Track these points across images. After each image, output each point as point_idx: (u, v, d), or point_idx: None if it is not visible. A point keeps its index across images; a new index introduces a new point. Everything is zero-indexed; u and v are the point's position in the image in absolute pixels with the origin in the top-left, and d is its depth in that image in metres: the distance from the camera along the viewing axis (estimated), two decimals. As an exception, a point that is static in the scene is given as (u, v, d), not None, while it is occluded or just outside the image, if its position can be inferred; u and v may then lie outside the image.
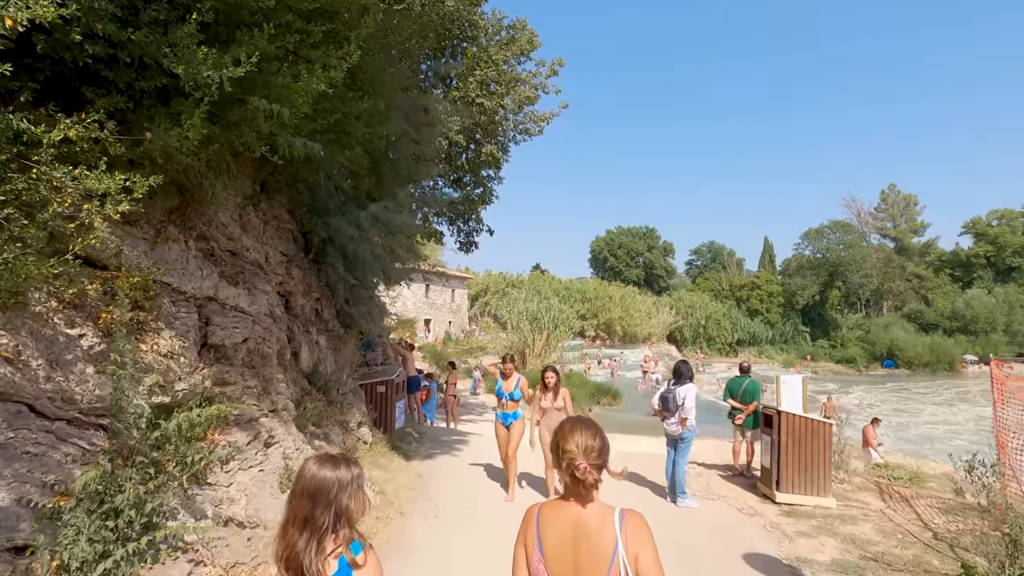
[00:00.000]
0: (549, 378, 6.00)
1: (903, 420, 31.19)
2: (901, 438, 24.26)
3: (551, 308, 29.72)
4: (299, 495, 1.61)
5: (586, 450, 1.72)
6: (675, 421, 6.15)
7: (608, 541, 1.65)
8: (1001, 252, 61.15)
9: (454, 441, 8.41)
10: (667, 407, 6.21)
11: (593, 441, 1.75)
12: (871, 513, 5.78)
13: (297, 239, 6.22)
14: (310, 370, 5.43)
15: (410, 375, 10.95)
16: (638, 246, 70.30)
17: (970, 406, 35.68)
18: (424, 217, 14.25)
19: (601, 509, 1.72)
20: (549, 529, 1.72)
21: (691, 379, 6.36)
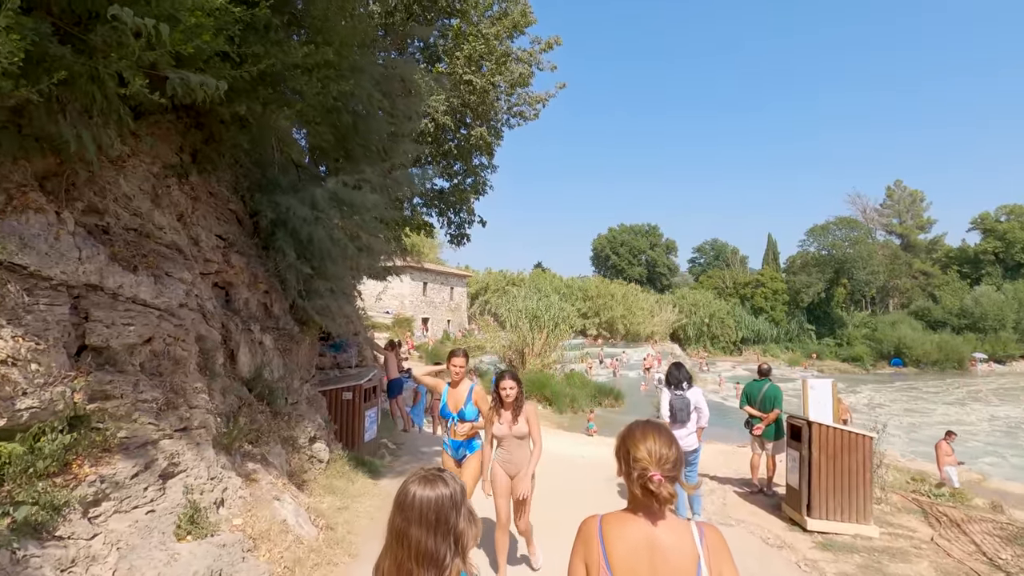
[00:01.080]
0: (506, 390, 3.86)
1: (914, 421, 30.23)
2: (914, 439, 23.34)
3: (551, 306, 28.77)
4: (416, 524, 1.42)
5: (660, 460, 1.55)
6: (690, 432, 5.40)
7: (689, 559, 1.51)
8: (1010, 248, 60.07)
9: (436, 452, 7.50)
10: (682, 415, 5.40)
11: (668, 450, 1.57)
12: (922, 545, 4.85)
13: (244, 222, 5.32)
14: (251, 375, 4.53)
15: (392, 377, 10.04)
16: (640, 244, 69.49)
17: (983, 405, 34.72)
18: (412, 208, 13.35)
19: (676, 523, 1.56)
20: (617, 544, 1.55)
21: (694, 383, 5.71)
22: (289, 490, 3.98)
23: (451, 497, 1.45)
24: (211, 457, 3.45)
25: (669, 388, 5.67)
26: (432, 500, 1.43)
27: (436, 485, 1.46)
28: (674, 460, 1.56)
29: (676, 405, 5.45)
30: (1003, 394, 38.76)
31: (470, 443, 4.11)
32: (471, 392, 4.13)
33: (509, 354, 29.23)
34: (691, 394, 5.48)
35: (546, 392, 20.96)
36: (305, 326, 5.40)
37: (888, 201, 72.46)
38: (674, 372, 5.70)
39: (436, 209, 13.60)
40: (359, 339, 8.18)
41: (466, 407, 4.06)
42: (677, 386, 5.55)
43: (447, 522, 1.43)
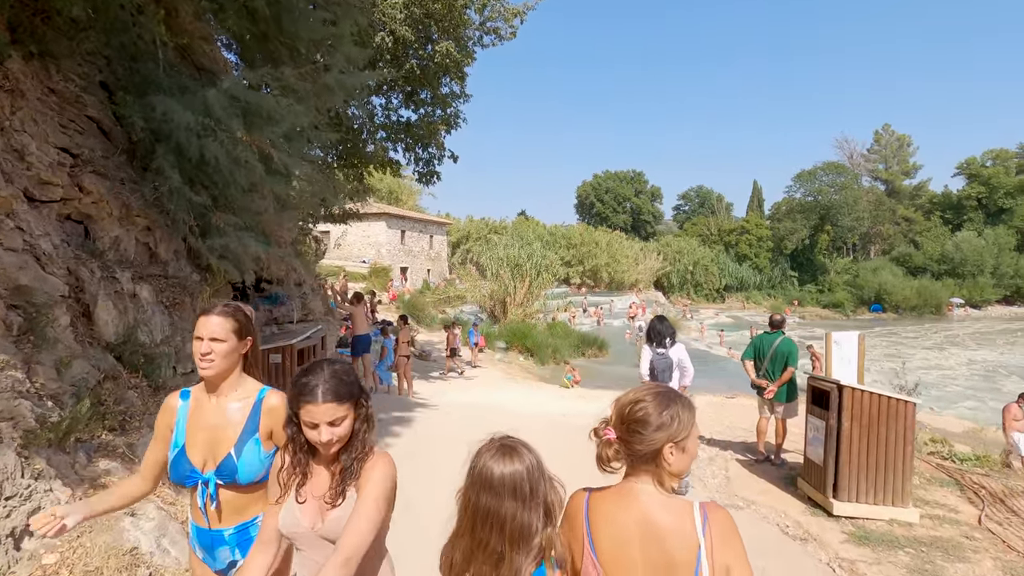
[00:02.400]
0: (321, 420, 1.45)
1: (894, 366, 30.28)
2: (894, 386, 23.22)
3: (534, 254, 27.65)
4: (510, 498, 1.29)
5: (624, 417, 1.32)
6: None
7: (687, 547, 1.24)
8: (993, 193, 59.95)
9: (397, 419, 6.50)
10: (660, 377, 4.95)
11: (641, 414, 1.29)
12: (974, 533, 4.01)
13: (115, 137, 3.99)
14: (118, 338, 3.37)
15: (358, 333, 8.93)
16: (625, 191, 68.08)
17: (960, 350, 35.17)
18: (376, 143, 11.84)
19: (675, 503, 1.29)
20: (604, 527, 1.32)
21: (675, 337, 5.22)
22: (159, 493, 2.90)
23: (538, 465, 1.35)
24: (12, 463, 2.31)
25: (650, 345, 5.15)
26: (522, 472, 1.31)
27: (517, 455, 1.34)
28: (649, 427, 1.27)
29: (658, 365, 4.97)
30: (979, 338, 39.32)
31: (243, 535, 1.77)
32: (256, 409, 1.83)
33: (490, 304, 28.31)
34: (674, 352, 5.02)
35: (527, 343, 20.16)
36: (209, 273, 4.19)
37: (875, 146, 71.38)
38: (657, 327, 5.17)
39: (402, 144, 12.10)
40: (306, 289, 6.98)
41: (238, 457, 1.73)
42: (659, 343, 5.05)
43: (537, 493, 1.31)
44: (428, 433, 5.96)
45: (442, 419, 6.86)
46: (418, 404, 7.83)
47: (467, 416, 7.17)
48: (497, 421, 5.28)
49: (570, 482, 1.44)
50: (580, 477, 1.49)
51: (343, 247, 34.12)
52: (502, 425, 4.83)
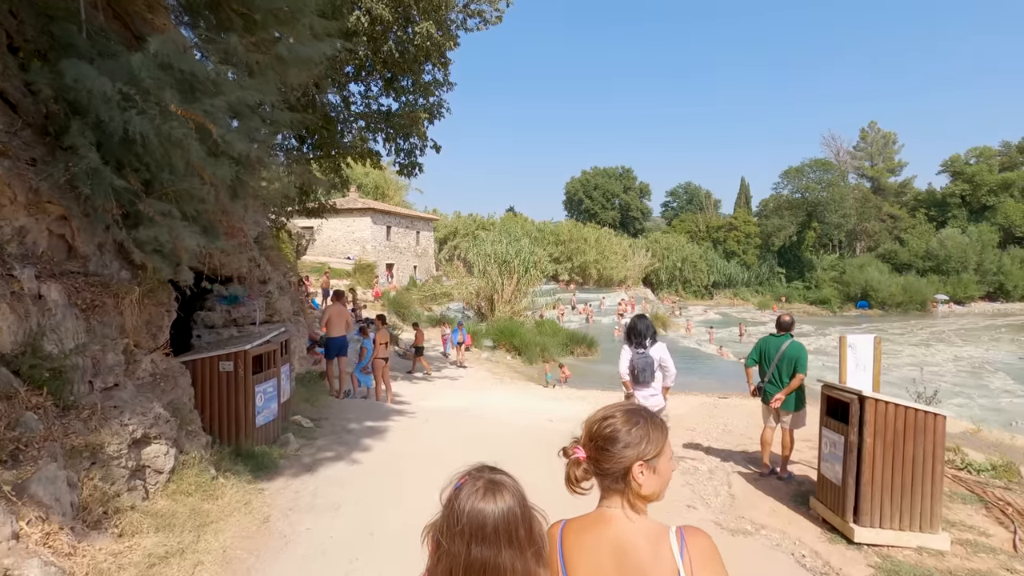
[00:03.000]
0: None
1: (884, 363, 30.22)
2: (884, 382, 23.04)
3: (522, 250, 27.10)
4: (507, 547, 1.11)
5: (596, 433, 1.26)
6: (655, 392, 4.92)
7: (666, 573, 1.17)
8: (977, 191, 60.58)
9: (369, 429, 5.93)
10: (645, 375, 4.86)
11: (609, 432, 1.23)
12: (1009, 559, 3.57)
13: (22, 108, 3.39)
14: (16, 349, 2.78)
15: (333, 335, 8.31)
16: (614, 187, 67.86)
17: (946, 346, 35.33)
18: (355, 132, 11.22)
19: (650, 528, 1.23)
20: (579, 556, 1.24)
21: (656, 336, 5.10)
22: (51, 544, 2.33)
23: (524, 496, 1.17)
24: None
25: (630, 344, 5.03)
26: (515, 511, 1.13)
27: (505, 490, 1.14)
28: (617, 444, 1.21)
29: (638, 364, 4.86)
30: (965, 335, 39.57)
31: None
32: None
33: (477, 301, 27.76)
34: (655, 351, 4.90)
35: (515, 341, 19.63)
36: (142, 270, 3.60)
37: (862, 143, 71.85)
38: (637, 326, 5.03)
39: (382, 134, 11.48)
40: (272, 288, 6.38)
41: None
42: (639, 343, 4.92)
43: (532, 533, 1.15)
44: (401, 449, 5.38)
45: (418, 429, 6.32)
46: (395, 411, 7.26)
47: (446, 425, 6.65)
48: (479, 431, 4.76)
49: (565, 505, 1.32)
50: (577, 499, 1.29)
51: (326, 243, 33.34)
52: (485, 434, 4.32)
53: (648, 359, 4.87)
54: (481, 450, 5.67)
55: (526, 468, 3.20)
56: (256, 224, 7.06)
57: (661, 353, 4.95)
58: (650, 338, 4.96)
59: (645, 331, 4.98)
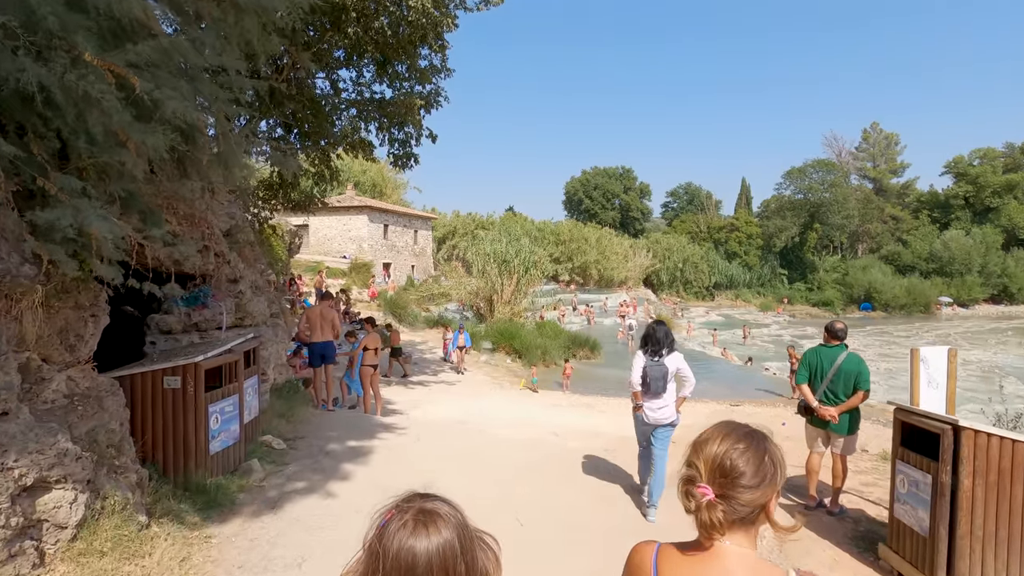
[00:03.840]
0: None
1: (891, 367, 29.70)
2: (894, 387, 22.47)
3: (522, 249, 26.35)
4: None
5: (720, 470, 1.09)
6: (665, 404, 4.63)
7: None
8: (981, 192, 59.99)
9: (352, 451, 5.13)
10: (657, 385, 4.59)
11: (741, 461, 1.08)
12: None
13: None
14: None
15: (316, 340, 7.52)
16: (614, 187, 67.30)
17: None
18: (345, 119, 10.45)
19: (767, 570, 1.08)
20: None
21: (674, 345, 4.79)
22: None
23: (464, 523, 0.98)
24: None
25: (644, 351, 4.75)
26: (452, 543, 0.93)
27: (440, 520, 0.95)
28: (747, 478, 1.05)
29: (652, 374, 4.59)
30: (971, 338, 38.92)
31: None
32: None
33: (476, 302, 26.99)
34: (671, 361, 4.63)
35: (515, 344, 18.86)
36: (52, 265, 2.84)
37: (864, 144, 71.38)
38: (655, 334, 4.77)
39: (375, 123, 10.71)
40: (243, 287, 5.60)
41: None
42: (655, 351, 4.66)
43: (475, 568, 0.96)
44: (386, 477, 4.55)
45: (408, 449, 5.54)
46: (383, 426, 6.47)
47: (440, 443, 5.88)
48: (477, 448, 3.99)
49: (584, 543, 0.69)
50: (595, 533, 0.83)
51: (321, 241, 32.56)
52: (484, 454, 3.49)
53: (663, 369, 4.59)
54: (480, 474, 4.91)
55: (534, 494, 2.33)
56: (229, 217, 6.30)
57: (678, 363, 4.66)
58: (668, 347, 4.67)
59: (663, 339, 4.70)
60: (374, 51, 9.30)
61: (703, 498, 1.08)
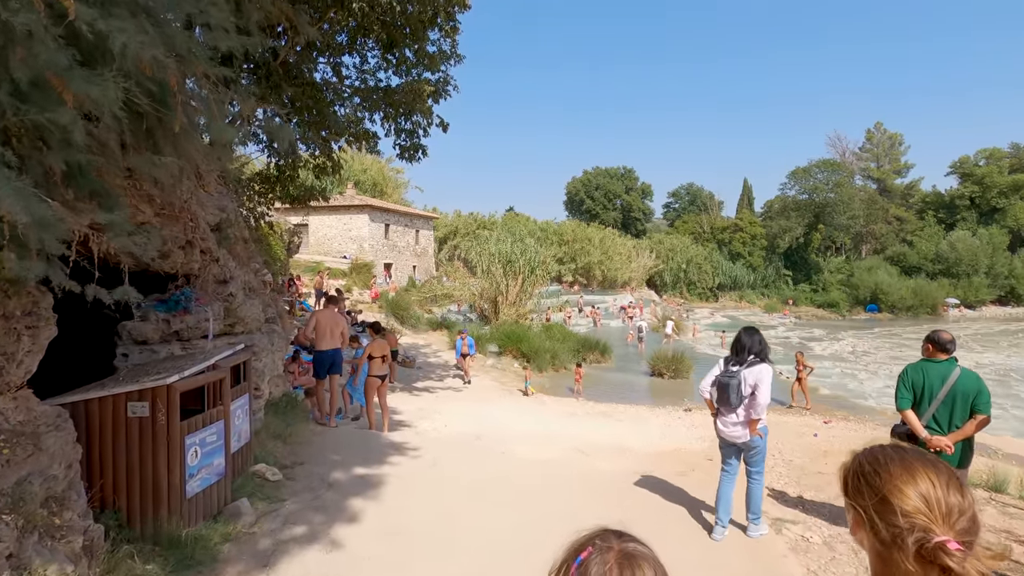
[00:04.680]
0: None
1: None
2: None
3: (527, 249, 25.62)
4: None
5: (948, 514, 0.93)
6: (739, 421, 4.21)
7: None
8: (987, 192, 59.38)
9: (359, 480, 4.34)
10: (726, 399, 4.19)
11: (958, 498, 0.94)
12: None
13: None
14: None
15: (322, 348, 6.77)
16: (616, 187, 66.82)
17: (965, 352, 33.94)
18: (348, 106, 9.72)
19: None
20: None
21: (766, 357, 4.26)
22: None
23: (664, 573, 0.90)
24: None
25: (727, 360, 4.34)
26: None
27: (642, 568, 0.87)
28: (970, 517, 0.94)
29: (724, 383, 4.15)
30: (982, 340, 38.23)
31: None
32: None
33: (480, 303, 26.25)
34: (751, 373, 4.11)
35: (523, 347, 18.12)
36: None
37: (867, 144, 70.84)
38: (742, 340, 4.27)
39: (380, 113, 9.99)
40: (234, 289, 4.86)
41: None
42: (736, 359, 4.22)
43: None
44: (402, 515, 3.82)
45: (424, 477, 4.79)
46: (393, 447, 5.71)
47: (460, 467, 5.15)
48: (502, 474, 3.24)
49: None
50: None
51: (321, 241, 31.84)
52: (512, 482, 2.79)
53: (735, 380, 4.11)
54: (512, 511, 4.18)
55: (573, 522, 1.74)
56: (220, 209, 5.57)
57: (757, 376, 4.08)
58: (754, 356, 4.15)
59: (748, 346, 4.19)
60: (380, 32, 8.58)
61: (958, 552, 0.90)
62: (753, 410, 4.11)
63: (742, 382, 4.09)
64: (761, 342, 4.21)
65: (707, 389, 4.34)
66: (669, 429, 10.05)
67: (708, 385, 4.34)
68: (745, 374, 4.11)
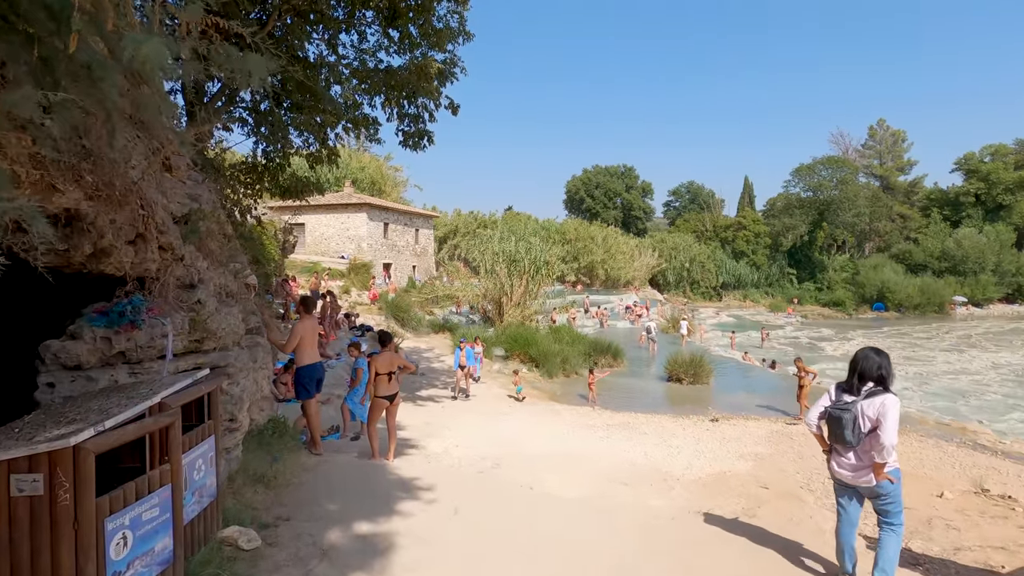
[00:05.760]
0: None
1: (920, 370, 28.05)
2: (929, 393, 20.84)
3: (532, 248, 24.63)
4: None
5: None
6: (862, 465, 3.33)
7: None
8: (992, 189, 58.66)
9: (360, 542, 3.28)
10: (839, 436, 3.35)
11: None
12: None
13: None
14: None
15: (303, 363, 5.65)
16: (616, 186, 66.04)
17: (979, 351, 33.12)
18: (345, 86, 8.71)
19: None
20: None
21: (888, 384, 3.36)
22: None
23: None
24: None
25: (837, 388, 3.58)
26: None
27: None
28: None
29: (836, 417, 3.37)
30: (993, 339, 37.45)
31: None
32: None
33: (484, 304, 25.26)
34: (872, 405, 3.29)
35: (531, 351, 17.12)
36: None
37: (870, 141, 70.16)
38: (858, 363, 3.46)
39: (381, 96, 8.99)
40: (202, 296, 3.85)
41: None
42: (851, 385, 3.43)
43: None
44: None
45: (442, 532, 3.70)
46: (402, 485, 4.60)
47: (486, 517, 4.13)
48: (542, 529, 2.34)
49: None
50: None
51: (318, 241, 30.80)
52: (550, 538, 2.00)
53: (849, 413, 3.32)
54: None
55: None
56: (191, 199, 4.59)
57: (879, 410, 3.27)
58: (875, 382, 3.36)
59: (867, 371, 3.39)
60: (380, 1, 7.58)
61: None
62: (877, 452, 3.27)
63: (859, 416, 3.32)
64: (882, 366, 3.40)
65: (814, 422, 3.61)
66: (702, 445, 9.09)
67: (815, 418, 3.59)
68: (863, 406, 3.33)
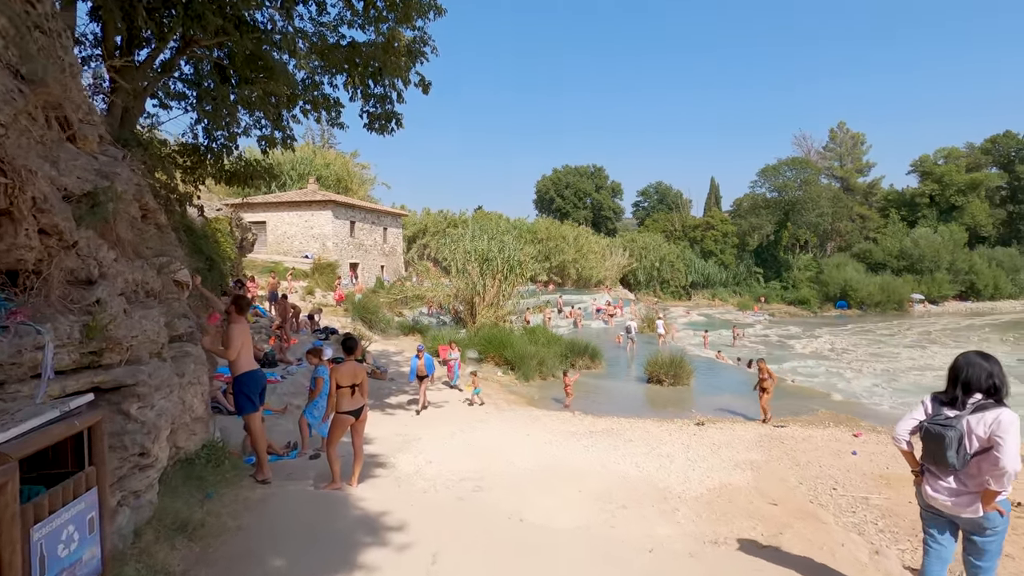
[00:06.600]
0: None
1: (887, 367, 28.40)
2: (898, 390, 20.94)
3: (505, 247, 23.88)
4: None
5: None
6: (964, 491, 2.78)
7: None
8: (946, 190, 61.10)
9: None
10: (939, 457, 2.78)
11: None
12: None
13: None
14: None
15: (241, 370, 4.71)
16: (586, 186, 66.12)
17: (941, 347, 34.01)
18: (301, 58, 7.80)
19: None
20: None
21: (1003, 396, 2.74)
22: None
23: None
24: None
25: (935, 398, 2.90)
26: None
27: None
28: None
29: (936, 435, 2.76)
30: (952, 335, 38.59)
31: None
32: None
33: (455, 304, 24.41)
34: (981, 421, 2.69)
35: (507, 354, 16.36)
36: None
37: (831, 144, 72.14)
38: (964, 370, 2.82)
39: (343, 76, 8.11)
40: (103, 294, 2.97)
41: None
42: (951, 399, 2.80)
43: None
44: None
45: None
46: (367, 524, 3.70)
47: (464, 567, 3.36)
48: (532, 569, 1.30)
49: None
50: None
51: (280, 239, 29.35)
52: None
53: (953, 431, 2.74)
54: None
55: None
56: (98, 174, 3.70)
57: (992, 427, 2.70)
58: (983, 395, 2.77)
59: (975, 381, 2.79)
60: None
61: None
62: (994, 479, 2.72)
63: (965, 435, 2.74)
64: (994, 375, 2.76)
65: (904, 437, 2.99)
66: (692, 452, 8.53)
67: (906, 432, 2.98)
68: (970, 422, 2.75)
